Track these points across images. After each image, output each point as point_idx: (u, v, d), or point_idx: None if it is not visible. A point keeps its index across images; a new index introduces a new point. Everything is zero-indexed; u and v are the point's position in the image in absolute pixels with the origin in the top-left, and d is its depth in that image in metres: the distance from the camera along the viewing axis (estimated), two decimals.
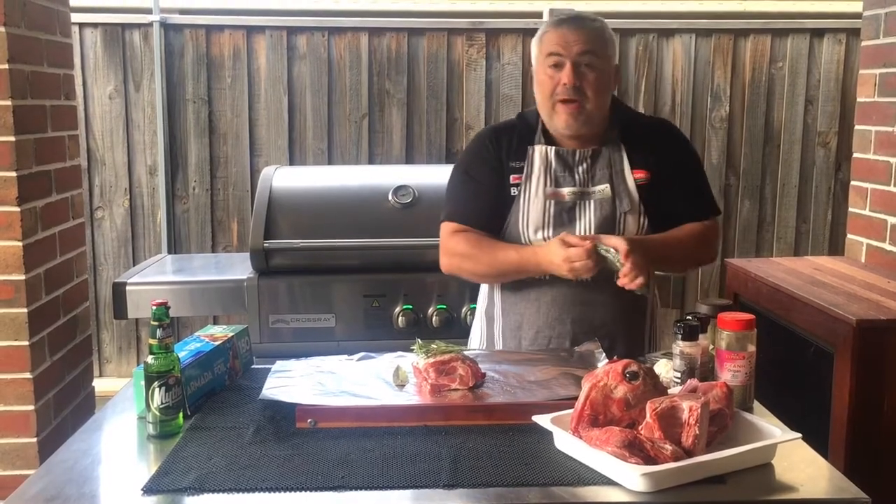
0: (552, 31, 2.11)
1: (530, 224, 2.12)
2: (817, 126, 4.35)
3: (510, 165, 2.16)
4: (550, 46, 2.09)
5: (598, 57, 2.08)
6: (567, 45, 2.07)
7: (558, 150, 2.14)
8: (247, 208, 4.18)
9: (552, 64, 2.08)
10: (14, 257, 2.45)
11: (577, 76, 2.06)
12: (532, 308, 2.16)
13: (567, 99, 2.06)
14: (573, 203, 2.12)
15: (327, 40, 4.17)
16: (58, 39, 2.75)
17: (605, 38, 2.12)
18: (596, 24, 2.13)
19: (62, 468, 1.51)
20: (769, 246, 4.42)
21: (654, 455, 1.39)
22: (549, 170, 2.13)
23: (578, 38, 2.07)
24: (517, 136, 2.19)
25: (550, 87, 2.09)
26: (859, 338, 2.32)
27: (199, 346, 1.86)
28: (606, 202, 2.12)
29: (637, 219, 2.12)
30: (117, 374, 4.24)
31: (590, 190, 2.13)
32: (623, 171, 2.13)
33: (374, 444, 1.56)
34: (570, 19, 2.13)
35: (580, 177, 2.13)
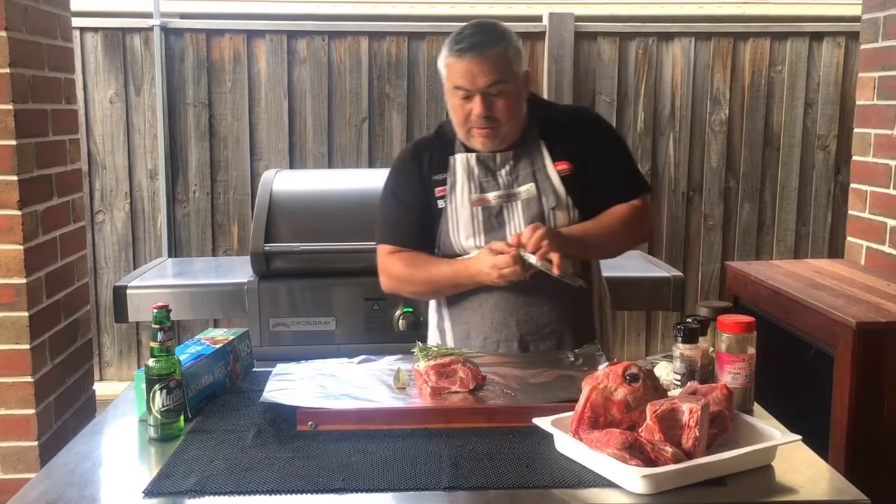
0: (456, 62, 2.04)
1: (461, 232, 2.13)
2: (817, 129, 4.36)
3: (433, 179, 2.17)
4: (456, 79, 2.04)
5: (507, 82, 2.04)
6: (473, 79, 2.02)
7: (479, 155, 2.14)
8: (247, 212, 4.18)
9: (461, 96, 2.05)
10: (15, 261, 2.46)
11: (488, 106, 2.03)
12: (476, 315, 2.16)
13: (481, 126, 2.06)
14: (500, 207, 2.13)
15: (327, 44, 4.17)
16: (59, 44, 2.76)
17: (509, 59, 2.05)
18: (499, 47, 2.04)
19: (63, 471, 1.51)
20: (769, 249, 4.43)
21: (654, 457, 1.39)
22: (473, 177, 2.14)
23: (483, 70, 2.01)
24: (437, 149, 2.20)
25: (463, 115, 2.07)
26: (859, 340, 2.32)
27: (199, 349, 1.87)
28: (533, 201, 2.11)
29: (566, 212, 2.12)
30: (118, 377, 4.25)
31: (515, 191, 2.13)
32: (545, 168, 2.13)
33: (374, 447, 1.57)
34: (472, 48, 2.02)
35: (504, 179, 2.13)
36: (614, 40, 4.26)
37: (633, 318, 4.41)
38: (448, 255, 2.17)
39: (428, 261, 2.15)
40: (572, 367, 1.94)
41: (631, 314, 4.39)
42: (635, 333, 4.43)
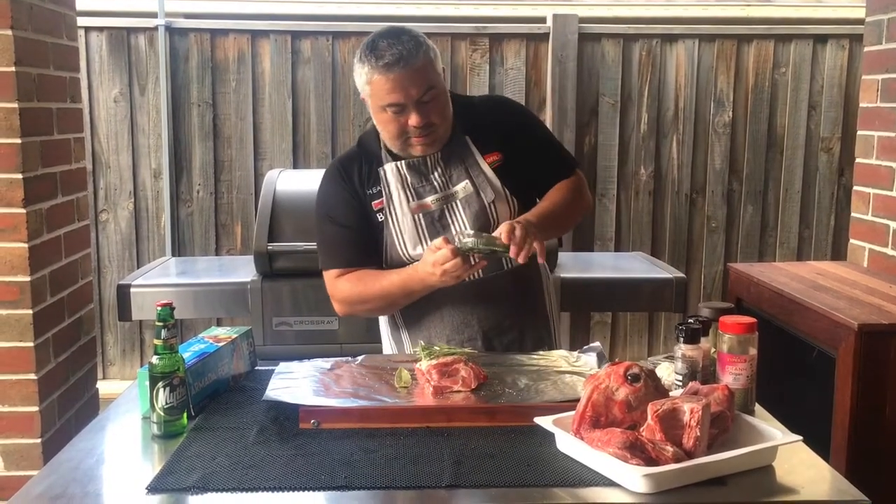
0: (382, 78, 1.96)
1: (407, 243, 2.11)
2: (820, 131, 4.36)
3: (368, 193, 2.13)
4: (387, 97, 1.97)
5: (436, 87, 2.01)
6: (406, 92, 1.96)
7: (409, 162, 2.11)
8: (250, 211, 4.19)
9: (394, 112, 2.00)
10: (19, 259, 2.47)
11: (424, 115, 1.99)
12: (436, 320, 2.15)
13: (420, 135, 2.03)
14: (441, 209, 2.10)
15: (331, 44, 4.18)
16: (64, 43, 2.77)
17: (432, 61, 2.01)
18: (420, 55, 1.98)
19: (67, 467, 1.52)
20: (772, 251, 4.43)
21: (655, 456, 1.40)
22: (407, 184, 2.11)
23: (414, 81, 1.96)
24: (364, 162, 2.16)
25: (397, 129, 2.02)
26: (861, 342, 2.32)
27: (203, 347, 1.87)
28: (472, 198, 2.10)
29: (506, 203, 2.11)
30: (121, 376, 4.26)
31: (452, 191, 2.11)
32: (478, 163, 2.11)
33: (376, 445, 1.57)
34: (396, 62, 1.94)
35: (438, 182, 2.11)
36: (618, 42, 4.26)
37: (636, 319, 4.41)
38: (397, 266, 2.12)
39: (376, 275, 2.10)
40: (574, 366, 1.94)
41: (633, 315, 4.39)
42: (637, 334, 4.43)
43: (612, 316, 4.39)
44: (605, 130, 4.30)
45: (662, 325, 4.41)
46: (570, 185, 2.18)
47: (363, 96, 2.07)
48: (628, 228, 4.36)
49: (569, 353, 2.05)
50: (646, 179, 4.33)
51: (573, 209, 2.20)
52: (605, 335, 4.40)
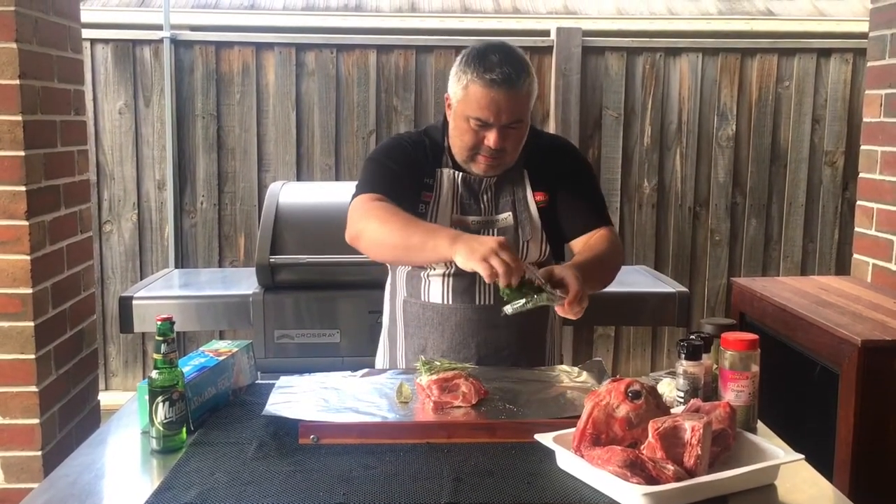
0: (482, 90, 1.94)
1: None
2: (824, 145, 4.35)
3: (423, 181, 2.09)
4: (478, 110, 1.95)
5: (523, 119, 2.00)
6: (497, 113, 1.95)
7: (465, 176, 2.09)
8: (254, 223, 4.20)
9: (477, 125, 1.98)
10: (22, 271, 2.47)
11: (503, 139, 1.98)
12: (437, 332, 2.13)
13: (488, 156, 2.02)
14: (477, 231, 2.07)
15: (336, 57, 4.20)
16: (69, 55, 2.78)
17: (531, 96, 2.01)
18: (526, 83, 1.97)
19: (65, 482, 1.51)
20: (776, 265, 4.42)
21: (656, 475, 1.39)
22: (457, 195, 2.09)
23: (509, 107, 1.94)
24: (429, 152, 2.12)
25: (473, 141, 2.00)
26: (864, 358, 2.31)
27: (203, 361, 1.87)
28: (510, 231, 2.09)
29: (539, 246, 2.11)
30: (123, 387, 4.26)
31: (493, 218, 2.10)
32: (525, 198, 2.11)
33: (376, 461, 1.56)
34: (504, 82, 1.92)
35: (485, 205, 2.10)
36: (622, 55, 4.27)
37: (639, 334, 4.40)
38: (415, 266, 2.12)
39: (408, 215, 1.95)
40: (575, 382, 1.93)
41: (636, 329, 4.38)
42: (640, 349, 4.42)
43: (615, 330, 4.39)
44: (609, 143, 4.30)
45: (665, 339, 4.40)
46: (611, 237, 2.12)
47: (449, 99, 2.05)
48: (631, 242, 4.35)
49: (570, 368, 2.04)
50: (649, 192, 4.33)
51: (615, 264, 2.12)
52: (608, 349, 4.39)
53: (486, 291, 2.10)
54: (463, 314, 2.10)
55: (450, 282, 2.11)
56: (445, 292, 2.11)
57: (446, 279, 2.11)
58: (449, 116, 2.09)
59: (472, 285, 2.10)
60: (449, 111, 2.08)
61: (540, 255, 2.12)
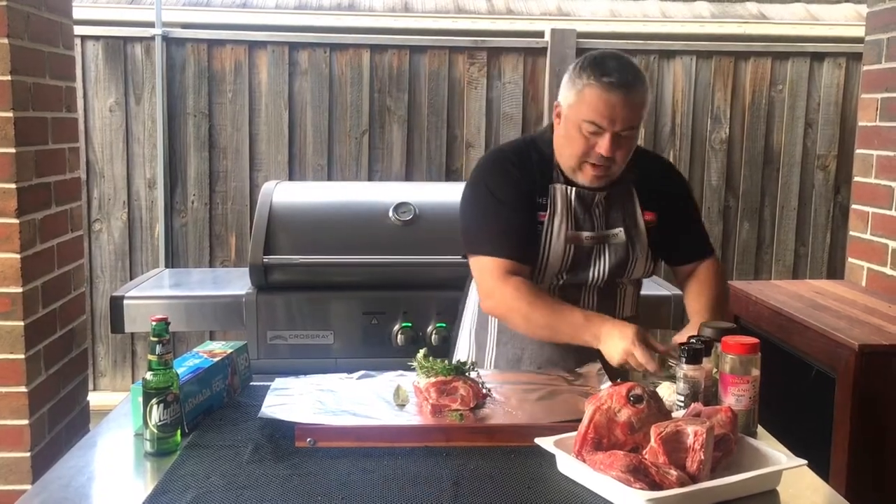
0: (600, 93, 1.92)
1: (549, 267, 2.06)
2: (816, 149, 4.36)
3: (538, 201, 2.05)
4: (594, 114, 1.92)
5: (636, 126, 1.98)
6: (612, 119, 1.92)
7: (579, 191, 2.06)
8: (245, 223, 4.17)
9: (590, 131, 1.94)
10: (12, 269, 2.44)
11: (615, 147, 1.95)
12: (536, 343, 2.10)
13: (598, 163, 1.99)
14: (591, 247, 2.07)
15: (329, 56, 4.17)
16: (60, 52, 2.75)
17: (645, 106, 1.99)
18: (641, 93, 1.96)
19: (58, 485, 1.49)
20: (768, 268, 4.42)
21: (658, 480, 1.37)
22: (570, 211, 2.06)
23: (625, 113, 1.92)
24: (538, 168, 2.07)
25: (583, 148, 1.97)
26: (861, 362, 2.31)
27: (197, 362, 1.84)
28: (621, 247, 2.09)
29: (645, 263, 2.12)
30: (112, 388, 4.22)
31: (606, 233, 2.08)
32: (635, 214, 2.11)
33: (374, 465, 1.54)
34: (623, 86, 1.91)
35: (597, 220, 2.08)
36: None
37: None
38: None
39: (552, 302, 1.99)
40: (575, 386, 1.92)
41: None
42: None
43: None
44: None
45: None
46: (718, 270, 2.20)
47: (559, 107, 2.02)
48: None
49: (569, 372, 2.02)
50: None
51: (726, 298, 2.24)
52: None
53: (588, 303, 2.10)
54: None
55: (556, 292, 2.09)
56: None
57: (553, 291, 2.09)
58: (557, 125, 2.05)
59: (576, 300, 2.08)
60: (558, 121, 2.04)
61: (645, 272, 2.14)
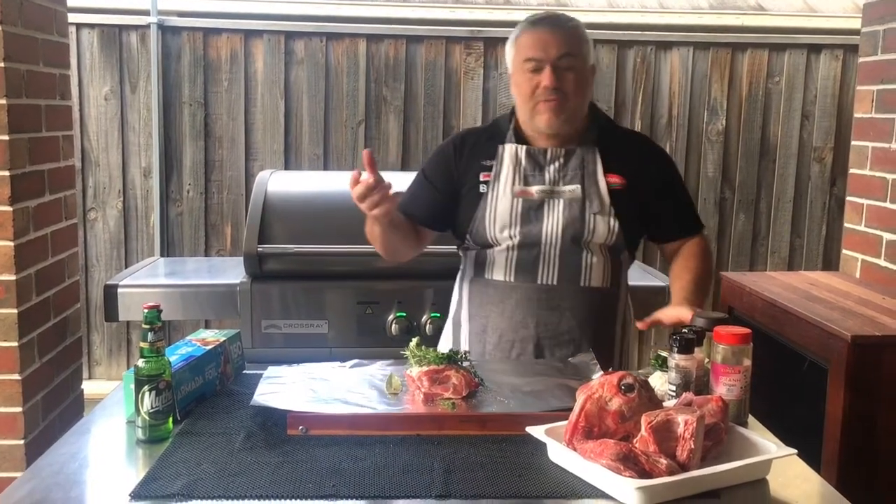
0: (528, 34, 2.09)
1: (497, 222, 2.11)
2: (813, 141, 4.36)
3: (480, 164, 2.16)
4: (528, 51, 2.07)
5: (576, 57, 2.07)
6: (545, 49, 2.05)
7: (529, 149, 2.14)
8: (241, 212, 4.16)
9: (531, 69, 2.06)
10: (5, 257, 2.43)
11: (557, 78, 2.04)
12: (496, 311, 2.15)
13: (548, 98, 2.06)
14: (541, 201, 2.11)
15: (325, 46, 4.16)
16: (54, 39, 2.73)
17: (581, 38, 2.11)
18: (571, 24, 2.11)
19: (49, 472, 1.49)
20: (763, 259, 4.43)
21: (648, 469, 1.38)
22: (519, 168, 2.13)
23: (556, 41, 2.05)
24: (487, 136, 2.21)
25: (530, 89, 2.07)
26: (854, 353, 2.31)
27: (190, 350, 1.84)
28: (576, 202, 2.10)
29: (606, 220, 2.11)
30: (107, 376, 4.22)
31: (559, 189, 2.12)
32: (595, 173, 2.12)
33: (365, 453, 1.54)
34: (545, 19, 2.11)
35: (551, 175, 2.12)
36: (613, 48, 4.26)
37: None
38: (480, 243, 2.16)
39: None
40: (566, 375, 1.92)
41: None
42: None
43: None
44: None
45: (654, 333, 4.40)
46: (704, 247, 2.23)
47: (508, 75, 2.17)
48: None
49: (561, 361, 2.03)
50: None
51: (711, 276, 2.24)
52: None
53: (549, 271, 2.11)
54: (523, 292, 2.11)
55: (513, 256, 2.13)
56: (508, 268, 2.13)
57: (510, 253, 2.13)
58: (513, 91, 2.15)
59: (535, 263, 2.11)
60: (511, 88, 2.16)
61: (608, 233, 2.11)
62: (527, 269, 2.11)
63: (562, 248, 2.10)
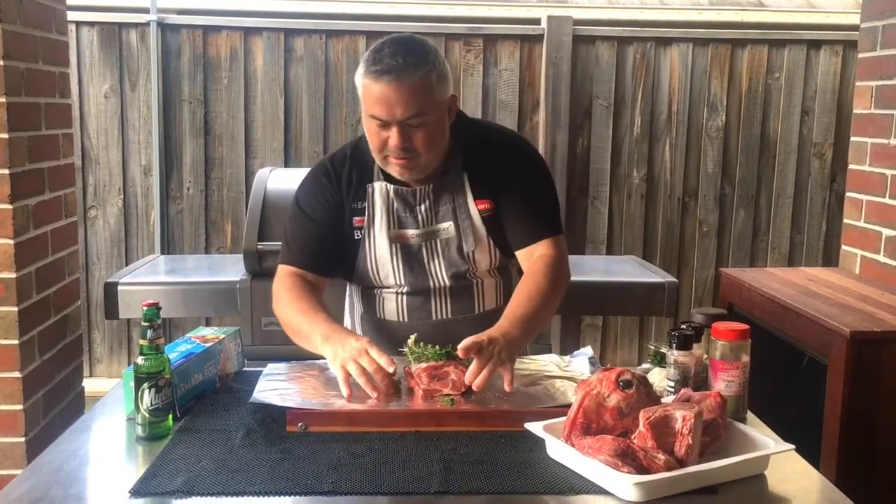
0: (371, 85, 1.85)
1: (380, 269, 2.03)
2: (813, 137, 4.36)
3: (352, 207, 2.01)
4: (373, 107, 1.86)
5: (426, 113, 1.86)
6: (390, 108, 1.84)
7: (398, 189, 2.00)
8: (241, 210, 4.17)
9: (378, 125, 1.88)
10: (5, 255, 2.44)
11: (405, 138, 1.86)
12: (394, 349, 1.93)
13: (398, 157, 1.90)
14: (419, 245, 2.02)
15: (325, 43, 4.16)
16: (54, 37, 2.74)
17: (431, 86, 1.86)
18: (418, 73, 1.84)
19: (49, 469, 1.49)
20: (763, 256, 4.43)
21: (646, 464, 1.38)
22: (392, 210, 2.00)
23: (401, 99, 1.82)
24: (355, 172, 2.03)
25: (379, 143, 1.90)
26: (853, 349, 2.32)
27: (189, 347, 1.85)
28: (452, 241, 2.01)
29: (487, 255, 2.02)
30: (108, 374, 4.22)
31: (434, 229, 2.01)
32: (466, 205, 2.01)
33: (364, 449, 1.55)
34: (389, 72, 1.82)
35: (423, 216, 2.01)
36: (612, 44, 4.25)
37: (626, 324, 4.40)
38: (366, 286, 2.08)
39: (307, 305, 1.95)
40: (565, 371, 1.92)
41: (624, 319, 4.38)
42: (628, 338, 4.42)
43: (602, 319, 4.39)
44: (599, 133, 4.29)
45: (653, 329, 4.41)
46: (549, 260, 1.99)
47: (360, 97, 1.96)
48: (620, 232, 4.35)
49: (560, 357, 2.03)
50: (638, 183, 4.33)
51: (555, 298, 1.97)
52: (595, 338, 4.39)
53: (442, 307, 2.06)
54: (420, 330, 1.97)
55: (403, 300, 2.07)
56: (400, 310, 2.07)
57: (400, 297, 2.07)
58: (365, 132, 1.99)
59: (426, 302, 2.06)
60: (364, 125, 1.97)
61: (491, 264, 2.05)
62: (419, 308, 2.06)
63: (451, 286, 2.04)
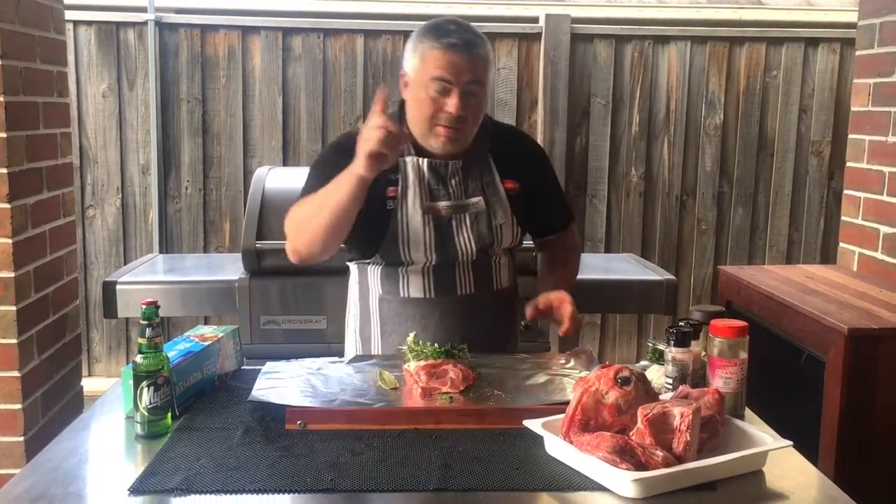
0: (441, 53, 1.95)
1: (411, 241, 2.04)
2: (811, 135, 4.36)
3: (386, 177, 1.99)
4: (438, 70, 1.95)
5: (482, 84, 2.00)
6: (458, 73, 1.94)
7: (431, 162, 2.05)
8: (239, 209, 4.17)
9: (437, 89, 1.95)
10: (3, 254, 2.44)
11: (464, 104, 1.96)
12: (419, 327, 2.04)
13: (450, 125, 1.98)
14: (450, 217, 2.06)
15: (323, 42, 4.16)
16: (51, 36, 2.74)
17: (489, 64, 2.04)
18: (483, 51, 2.00)
19: (48, 467, 1.49)
20: (761, 253, 4.43)
21: (644, 461, 1.39)
22: (423, 182, 2.06)
23: (469, 66, 1.95)
24: None
25: (432, 110, 1.97)
26: (850, 346, 2.32)
27: (188, 345, 1.85)
28: (482, 215, 2.08)
29: (511, 230, 2.12)
30: (107, 373, 4.22)
31: (464, 203, 2.08)
32: (494, 182, 2.11)
33: (363, 447, 1.55)
34: (462, 44, 1.96)
35: (454, 189, 2.07)
36: (610, 43, 4.26)
37: (625, 321, 4.40)
38: (390, 262, 2.08)
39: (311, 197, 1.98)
40: (564, 369, 1.93)
41: (622, 317, 4.38)
42: (626, 336, 4.42)
43: (601, 317, 4.39)
44: (597, 131, 4.29)
45: (651, 326, 4.41)
46: (575, 242, 2.32)
47: (405, 76, 2.04)
48: (618, 230, 4.35)
49: (559, 355, 2.03)
50: (636, 181, 4.33)
51: (578, 268, 2.31)
52: (594, 336, 4.40)
53: (466, 282, 2.10)
54: (446, 306, 2.07)
55: (430, 274, 2.08)
56: (427, 286, 2.09)
57: (426, 272, 2.08)
58: (405, 95, 2.06)
59: (452, 276, 2.09)
60: (405, 90, 2.05)
61: (513, 241, 2.14)
62: (445, 284, 2.09)
63: (475, 260, 2.09)
